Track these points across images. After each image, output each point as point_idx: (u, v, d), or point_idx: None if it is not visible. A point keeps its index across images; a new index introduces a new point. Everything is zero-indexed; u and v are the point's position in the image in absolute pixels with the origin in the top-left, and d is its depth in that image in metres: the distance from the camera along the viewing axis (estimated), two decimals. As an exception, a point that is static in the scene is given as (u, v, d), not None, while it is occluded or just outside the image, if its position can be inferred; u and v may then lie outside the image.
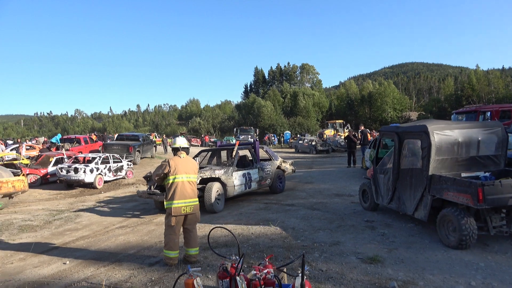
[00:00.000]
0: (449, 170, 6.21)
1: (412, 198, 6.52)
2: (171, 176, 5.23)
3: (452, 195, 5.65)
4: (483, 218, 5.61)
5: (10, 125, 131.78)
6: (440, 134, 6.15)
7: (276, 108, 56.84)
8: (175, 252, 5.23)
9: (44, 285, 4.78)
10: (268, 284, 3.36)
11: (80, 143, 24.25)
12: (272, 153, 11.72)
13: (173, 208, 5.16)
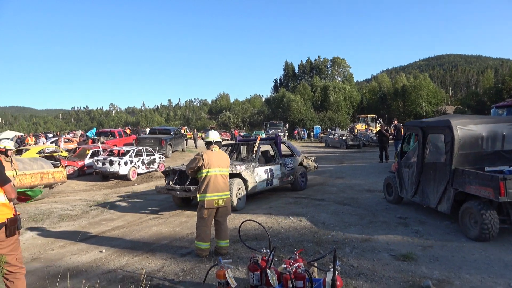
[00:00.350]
0: (473, 164, 6.23)
1: (436, 192, 6.60)
2: (204, 170, 5.33)
3: (474, 188, 5.71)
4: (505, 211, 5.69)
5: (50, 119, 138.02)
6: (464, 129, 6.23)
7: (306, 102, 56.32)
8: (206, 243, 5.33)
9: (82, 272, 4.99)
10: (299, 278, 3.37)
11: (114, 137, 25.06)
12: (295, 149, 11.33)
13: (206, 201, 5.26)
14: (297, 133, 42.18)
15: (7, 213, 3.31)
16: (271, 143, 10.50)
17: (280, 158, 10.24)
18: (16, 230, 3.38)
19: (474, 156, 6.30)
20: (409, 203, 8.06)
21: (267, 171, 9.47)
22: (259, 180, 9.17)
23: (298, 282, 3.37)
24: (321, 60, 73.46)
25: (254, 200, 9.60)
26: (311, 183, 12.23)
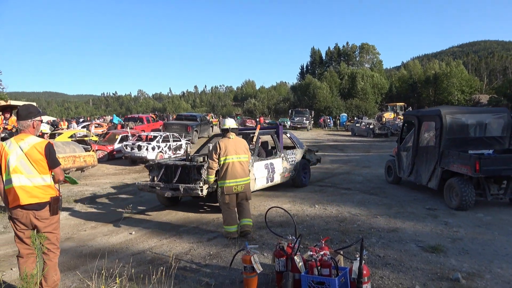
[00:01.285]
0: (459, 147, 7.32)
1: (427, 171, 7.80)
2: (222, 158, 5.54)
3: (456, 166, 6.94)
4: (482, 186, 6.85)
5: (81, 104, 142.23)
6: (451, 117, 7.41)
7: (332, 89, 55.41)
8: (234, 226, 5.53)
9: (113, 252, 5.18)
10: (325, 266, 3.37)
11: (142, 122, 25.58)
12: (297, 140, 10.11)
13: (225, 187, 5.50)
14: (323, 121, 41.71)
15: (51, 193, 3.46)
16: (272, 134, 9.12)
17: (282, 150, 8.93)
18: (59, 210, 3.53)
19: (460, 141, 7.43)
20: (437, 195, 7.86)
21: (267, 165, 8.17)
22: (259, 177, 7.84)
23: (324, 270, 3.37)
24: (349, 47, 71.82)
25: (278, 188, 9.61)
26: (337, 171, 12.14)
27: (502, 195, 6.88)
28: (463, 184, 6.74)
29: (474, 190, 6.76)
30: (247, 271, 3.61)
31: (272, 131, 9.19)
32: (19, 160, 3.35)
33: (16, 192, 3.33)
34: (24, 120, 3.46)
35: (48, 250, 3.42)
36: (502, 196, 6.89)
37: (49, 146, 3.43)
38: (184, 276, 4.17)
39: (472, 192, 6.71)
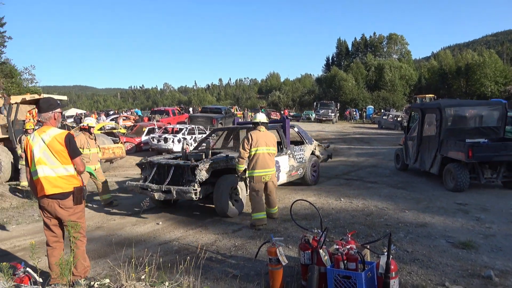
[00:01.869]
0: (457, 137, 8.13)
1: (429, 158, 8.61)
2: (253, 149, 5.84)
3: (453, 153, 7.79)
4: (476, 171, 7.68)
5: (109, 98, 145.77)
6: (450, 109, 8.35)
7: (358, 81, 54.36)
8: (263, 213, 5.79)
9: (141, 242, 5.31)
10: (351, 260, 3.32)
11: (168, 115, 25.98)
12: (306, 135, 9.22)
13: (255, 177, 5.83)
14: (349, 113, 41.05)
15: (75, 183, 3.57)
16: (277, 128, 8.22)
17: (289, 146, 8.17)
18: (83, 200, 3.65)
19: (458, 131, 8.31)
20: (468, 190, 7.62)
21: None
22: None
23: (350, 264, 3.33)
24: (376, 37, 70.08)
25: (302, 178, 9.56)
26: (363, 165, 11.95)
27: (495, 179, 7.75)
28: (459, 169, 7.61)
29: (469, 174, 7.63)
30: (273, 263, 3.61)
31: (278, 126, 8.32)
32: (42, 152, 3.47)
33: (41, 183, 3.46)
34: (46, 113, 3.57)
35: (74, 238, 3.54)
36: (494, 180, 7.77)
37: (69, 137, 3.53)
38: (210, 267, 4.23)
39: (467, 176, 7.59)
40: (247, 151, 5.85)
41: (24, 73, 29.66)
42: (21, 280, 3.16)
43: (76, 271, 3.54)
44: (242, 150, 5.89)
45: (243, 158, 5.93)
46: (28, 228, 6.30)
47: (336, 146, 18.11)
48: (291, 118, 43.12)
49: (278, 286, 3.63)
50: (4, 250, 5.26)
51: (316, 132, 25.77)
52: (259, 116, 6.21)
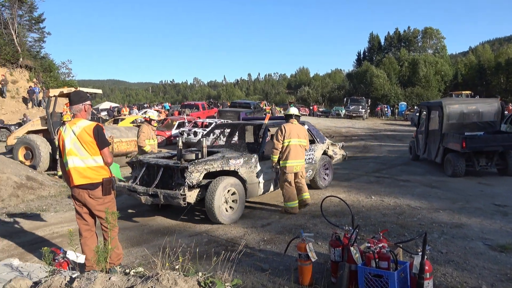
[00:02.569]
0: (458, 130, 9.28)
1: (434, 149, 9.88)
2: (286, 140, 6.11)
3: (451, 144, 9.03)
4: (472, 160, 8.86)
5: (141, 92, 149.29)
6: (450, 107, 9.58)
7: (391, 77, 52.92)
8: (296, 201, 6.14)
9: (172, 233, 5.41)
10: (383, 259, 3.26)
11: (198, 109, 26.32)
12: (317, 133, 8.28)
13: (288, 167, 6.11)
14: (380, 110, 40.13)
15: (104, 174, 3.67)
16: None
17: None
18: (112, 190, 3.74)
19: (458, 125, 9.49)
20: (509, 191, 7.28)
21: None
22: (265, 180, 6.55)
23: (382, 263, 3.26)
24: (410, 31, 67.95)
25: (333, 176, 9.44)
26: (395, 162, 11.66)
27: (489, 166, 8.96)
28: (456, 158, 8.84)
29: (465, 162, 8.81)
30: (302, 258, 3.59)
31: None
32: (73, 143, 3.58)
33: (71, 173, 3.59)
34: (76, 105, 3.68)
35: (105, 228, 3.65)
36: (488, 167, 8.99)
37: (97, 128, 3.62)
38: (239, 260, 4.25)
39: (463, 163, 8.79)
40: (280, 142, 6.10)
41: (61, 67, 30.90)
42: (60, 265, 3.30)
43: (109, 259, 3.66)
44: (276, 142, 6.12)
45: (277, 149, 6.13)
46: (65, 215, 6.57)
47: (366, 143, 17.78)
48: (320, 114, 42.68)
49: (308, 282, 3.61)
50: (43, 236, 5.52)
51: (346, 129, 25.37)
52: (292, 110, 6.54)
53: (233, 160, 5.98)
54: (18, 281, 2.06)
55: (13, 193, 7.87)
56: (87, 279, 1.91)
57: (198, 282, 2.00)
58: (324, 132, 23.22)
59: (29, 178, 8.63)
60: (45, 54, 31.99)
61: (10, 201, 7.58)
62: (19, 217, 6.47)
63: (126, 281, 1.95)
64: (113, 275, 2.01)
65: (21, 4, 28.34)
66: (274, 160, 6.20)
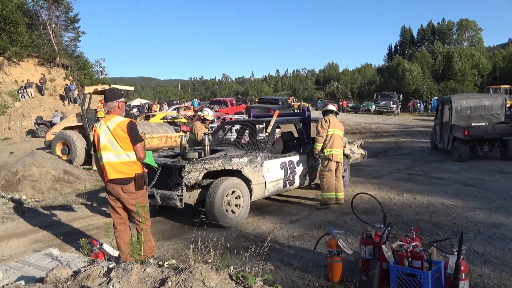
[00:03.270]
0: (465, 122, 10.81)
1: (446, 138, 11.36)
2: (330, 129, 6.33)
3: (458, 134, 10.47)
4: (475, 146, 10.39)
5: (170, 89, 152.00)
6: (458, 101, 11.25)
7: (424, 71, 51.23)
8: (333, 193, 6.25)
9: (202, 227, 5.49)
10: (416, 258, 3.18)
11: (226, 105, 26.55)
12: None
13: (334, 155, 6.25)
14: (412, 105, 38.99)
15: (137, 169, 3.76)
16: (295, 122, 7.15)
17: (309, 144, 6.96)
18: (144, 185, 3.84)
19: (465, 117, 11.05)
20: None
21: (284, 165, 6.38)
22: (271, 179, 6.12)
23: (415, 262, 3.18)
24: (445, 23, 65.55)
25: (362, 174, 9.29)
26: (428, 159, 11.32)
27: (490, 152, 10.48)
28: (461, 145, 10.33)
29: (469, 149, 10.32)
30: (332, 255, 3.57)
31: (296, 119, 7.19)
32: (107, 138, 3.69)
33: (105, 168, 3.70)
34: (111, 102, 3.79)
35: (138, 222, 3.75)
36: (490, 153, 10.51)
37: (131, 124, 3.71)
38: (268, 255, 4.27)
39: (467, 149, 10.27)
40: (325, 130, 6.30)
41: (95, 66, 31.96)
42: (97, 256, 3.44)
43: (143, 251, 3.77)
44: (321, 129, 6.32)
45: (322, 137, 6.31)
46: (100, 208, 6.81)
47: (397, 139, 17.37)
48: (349, 109, 41.99)
49: (338, 279, 3.58)
50: (79, 228, 5.75)
51: (376, 125, 24.86)
52: (331, 106, 6.92)
53: (236, 159, 5.61)
54: (60, 270, 2.17)
55: (51, 186, 8.24)
56: (123, 269, 1.97)
57: (230, 276, 2.03)
58: (353, 128, 22.86)
59: (66, 172, 9.01)
60: (80, 53, 33.24)
61: (49, 194, 7.95)
62: (57, 209, 6.77)
63: (160, 272, 2.00)
64: (148, 266, 2.08)
65: (58, 5, 29.47)
66: (318, 148, 6.37)
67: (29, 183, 8.07)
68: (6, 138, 19.79)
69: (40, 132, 19.30)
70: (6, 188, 7.85)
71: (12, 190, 7.82)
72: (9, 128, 21.28)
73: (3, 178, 8.20)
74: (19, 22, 24.75)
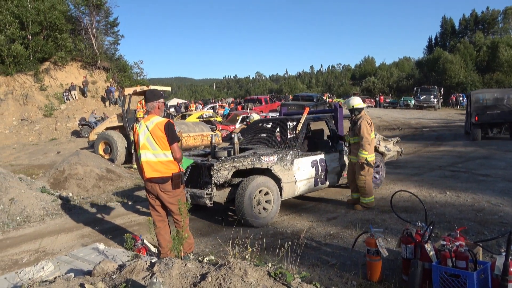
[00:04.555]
0: (482, 112, 13.81)
1: (469, 124, 14.80)
2: (372, 133, 5.98)
3: (472, 119, 13.92)
4: (485, 129, 13.96)
5: (205, 88, 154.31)
6: (476, 95, 14.51)
7: (467, 63, 48.84)
8: (373, 196, 6.10)
9: (239, 224, 5.56)
10: (461, 258, 3.06)
11: (261, 103, 26.60)
12: None
13: (373, 160, 6.04)
14: (455, 99, 37.30)
15: (174, 168, 3.85)
16: (327, 119, 6.92)
17: (341, 142, 6.79)
18: (181, 184, 3.93)
19: (482, 107, 13.92)
20: None
21: (315, 163, 6.24)
22: (302, 178, 6.04)
23: (459, 262, 3.06)
24: (489, 12, 62.12)
25: (401, 170, 9.02)
26: (473, 155, 10.81)
27: (499, 133, 14.04)
28: (475, 128, 13.78)
29: (481, 131, 13.76)
30: (371, 254, 3.50)
31: (328, 116, 7.01)
32: (146, 138, 3.80)
33: (144, 166, 3.80)
34: (151, 102, 3.90)
35: (177, 219, 3.85)
36: (498, 134, 14.03)
37: (168, 124, 3.80)
38: (305, 253, 4.26)
39: (479, 131, 13.74)
40: (371, 136, 5.93)
41: (134, 68, 33.09)
42: (139, 251, 3.57)
43: (182, 247, 3.87)
44: (369, 136, 5.84)
45: (370, 144, 5.85)
46: (141, 205, 7.06)
47: (439, 135, 16.72)
48: (387, 105, 40.83)
49: (377, 278, 3.51)
50: (122, 224, 5.99)
51: (415, 120, 24.03)
52: (357, 100, 6.31)
53: (266, 157, 5.55)
54: (106, 263, 2.28)
55: (95, 184, 8.64)
56: (165, 264, 2.04)
57: (268, 272, 2.05)
58: (391, 124, 22.21)
59: (109, 170, 9.40)
60: (119, 56, 34.51)
61: (93, 191, 8.34)
62: (101, 206, 7.10)
63: (200, 268, 2.05)
64: (188, 262, 2.14)
65: (99, 11, 30.76)
66: (365, 156, 5.77)
67: (75, 181, 8.51)
68: (53, 139, 20.94)
69: (84, 132, 20.23)
70: (55, 186, 8.32)
71: (60, 187, 8.28)
72: (56, 129, 22.50)
73: (52, 176, 8.69)
74: (64, 28, 26.10)
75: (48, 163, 13.25)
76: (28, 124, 22.31)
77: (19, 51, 23.39)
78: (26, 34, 24.45)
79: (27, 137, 21.44)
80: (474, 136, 13.64)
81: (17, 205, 6.44)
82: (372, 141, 5.92)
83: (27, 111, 23.08)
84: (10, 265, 4.54)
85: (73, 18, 29.78)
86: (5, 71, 23.48)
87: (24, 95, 23.58)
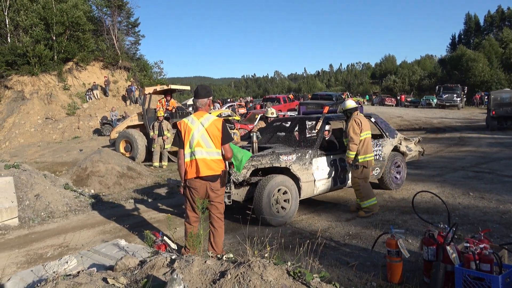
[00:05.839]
0: (499, 108, 17.20)
1: (489, 118, 17.93)
2: (363, 132, 5.64)
3: (492, 114, 17.46)
4: (501, 121, 17.31)
5: (224, 87, 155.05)
6: (494, 94, 17.98)
7: (492, 61, 47.43)
8: (374, 198, 5.69)
9: (257, 223, 5.57)
10: (485, 261, 2.98)
11: (279, 102, 26.52)
12: (387, 127, 7.27)
13: (369, 161, 5.68)
14: (479, 98, 36.31)
15: (223, 167, 3.84)
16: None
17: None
18: (225, 183, 3.94)
19: (500, 104, 17.28)
20: None
21: (335, 162, 6.16)
22: (321, 177, 5.98)
23: (483, 265, 2.98)
24: (516, 8, 60.04)
25: (423, 171, 8.85)
26: (497, 156, 10.51)
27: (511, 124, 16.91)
28: (491, 120, 17.30)
29: (497, 123, 17.11)
30: (392, 255, 3.45)
31: None
32: (201, 135, 3.73)
33: (197, 164, 3.71)
34: (202, 99, 3.84)
35: (217, 218, 3.87)
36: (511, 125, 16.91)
37: (224, 123, 3.82)
38: (324, 253, 4.23)
39: (495, 123, 17.12)
40: (358, 136, 5.58)
41: (154, 67, 33.57)
42: (159, 247, 3.62)
43: (216, 249, 3.84)
44: (354, 136, 5.57)
45: (356, 144, 5.60)
46: (161, 202, 7.16)
47: (462, 135, 16.31)
48: (408, 104, 40.09)
49: (397, 280, 3.46)
50: (142, 221, 6.09)
51: (438, 119, 23.53)
52: (350, 102, 6.03)
53: (284, 156, 5.52)
54: (128, 259, 2.32)
55: (116, 181, 8.81)
56: (185, 261, 2.07)
57: (287, 271, 2.04)
58: (412, 123, 21.79)
59: (129, 168, 9.57)
60: (140, 56, 35.09)
61: (114, 188, 8.51)
62: (122, 203, 7.23)
63: (220, 265, 2.07)
64: (208, 259, 2.15)
65: (120, 12, 31.33)
66: (351, 156, 5.65)
67: (96, 178, 8.70)
68: (76, 137, 21.47)
69: (105, 131, 20.65)
70: (77, 183, 8.53)
71: (82, 184, 8.48)
72: (79, 127, 23.06)
73: (75, 173, 8.92)
74: (86, 28, 26.70)
75: (71, 161, 13.60)
76: (52, 122, 22.95)
77: (43, 52, 24.08)
78: (50, 35, 25.14)
79: (51, 135, 22.06)
80: (492, 127, 17.02)
81: (42, 201, 6.63)
82: (366, 141, 5.63)
83: (51, 110, 23.74)
84: (36, 258, 4.68)
85: (96, 19, 30.44)
86: (31, 71, 24.22)
87: (48, 94, 24.27)
